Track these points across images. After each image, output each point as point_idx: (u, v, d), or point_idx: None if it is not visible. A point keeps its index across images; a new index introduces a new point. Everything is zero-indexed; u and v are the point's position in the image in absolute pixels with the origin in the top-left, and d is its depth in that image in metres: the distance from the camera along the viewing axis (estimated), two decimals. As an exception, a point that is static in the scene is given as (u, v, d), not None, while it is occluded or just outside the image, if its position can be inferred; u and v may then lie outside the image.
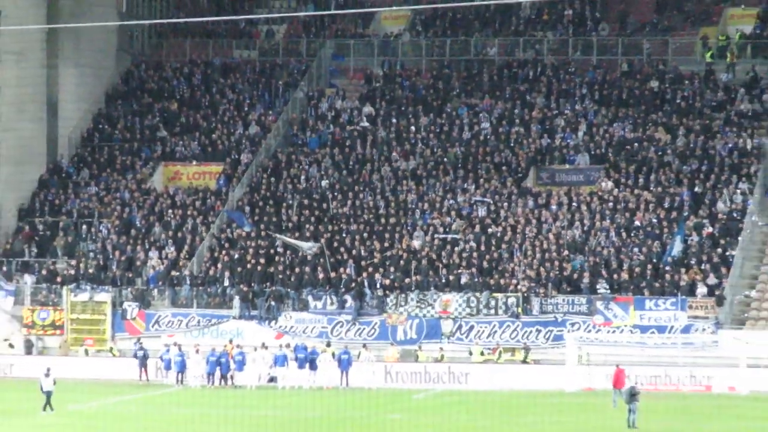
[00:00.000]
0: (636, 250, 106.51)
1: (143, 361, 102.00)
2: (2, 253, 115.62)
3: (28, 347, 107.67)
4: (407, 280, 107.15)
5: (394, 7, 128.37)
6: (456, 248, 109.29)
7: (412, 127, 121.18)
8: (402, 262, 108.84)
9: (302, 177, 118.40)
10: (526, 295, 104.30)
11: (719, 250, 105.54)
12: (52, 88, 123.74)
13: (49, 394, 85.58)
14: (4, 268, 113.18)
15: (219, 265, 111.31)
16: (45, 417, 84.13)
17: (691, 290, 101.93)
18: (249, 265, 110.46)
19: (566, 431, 78.10)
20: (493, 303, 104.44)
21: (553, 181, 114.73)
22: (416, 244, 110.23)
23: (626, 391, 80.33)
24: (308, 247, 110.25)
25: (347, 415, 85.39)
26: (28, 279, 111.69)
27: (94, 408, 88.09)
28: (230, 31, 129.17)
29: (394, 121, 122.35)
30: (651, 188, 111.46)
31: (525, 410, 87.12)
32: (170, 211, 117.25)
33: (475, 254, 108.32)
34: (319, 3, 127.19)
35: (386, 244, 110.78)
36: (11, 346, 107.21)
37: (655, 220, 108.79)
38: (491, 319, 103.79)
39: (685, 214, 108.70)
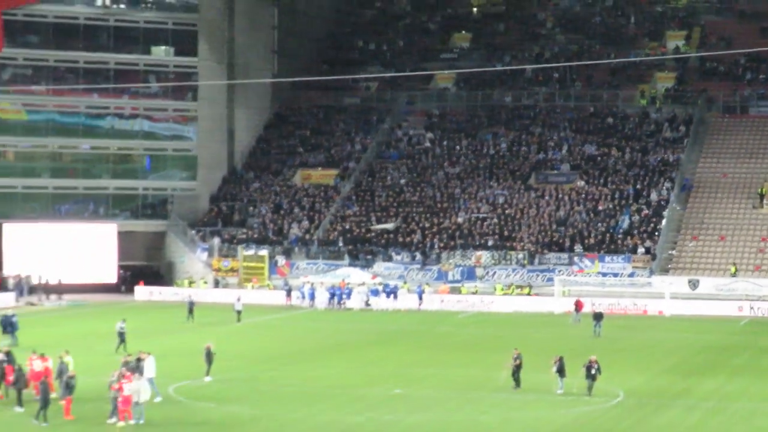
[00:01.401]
0: (599, 225, 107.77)
1: (288, 293, 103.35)
2: (201, 224, 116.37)
3: (216, 284, 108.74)
4: (453, 243, 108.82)
5: (445, 71, 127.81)
6: (485, 223, 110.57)
7: (456, 147, 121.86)
8: (451, 231, 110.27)
9: (387, 177, 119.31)
10: (530, 252, 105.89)
11: (651, 224, 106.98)
12: (230, 121, 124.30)
13: (239, 313, 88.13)
14: (201, 234, 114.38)
15: (335, 233, 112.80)
16: (237, 326, 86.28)
17: (634, 250, 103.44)
18: (354, 233, 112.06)
19: (554, 337, 79.74)
20: (508, 257, 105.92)
21: (546, 180, 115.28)
22: (460, 220, 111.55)
23: (594, 315, 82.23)
24: (392, 225, 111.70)
25: (416, 328, 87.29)
26: (216, 241, 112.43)
27: (259, 321, 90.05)
28: (342, 86, 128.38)
29: (444, 143, 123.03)
30: (608, 186, 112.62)
31: (528, 325, 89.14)
32: (304, 198, 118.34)
33: (497, 227, 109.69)
34: (399, 69, 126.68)
35: (440, 220, 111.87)
36: (205, 283, 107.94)
37: (610, 206, 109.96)
38: (507, 268, 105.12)
39: (630, 202, 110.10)
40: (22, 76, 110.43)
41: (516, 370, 57.81)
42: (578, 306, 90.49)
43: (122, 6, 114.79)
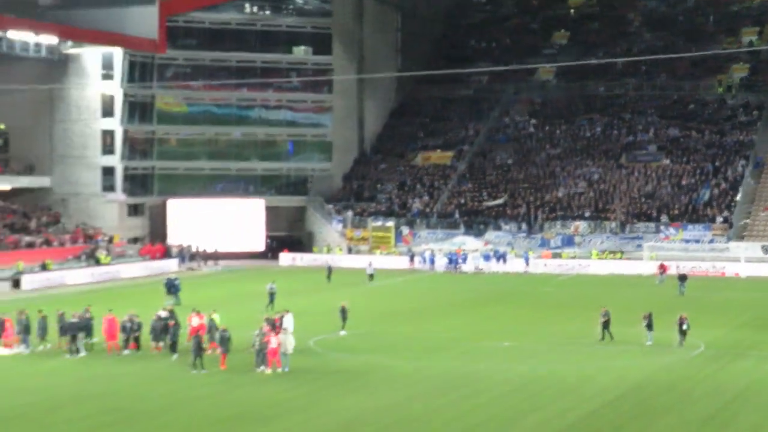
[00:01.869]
0: (682, 197, 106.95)
1: (411, 258, 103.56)
2: (335, 200, 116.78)
3: (349, 251, 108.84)
4: (554, 214, 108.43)
5: (546, 65, 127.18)
6: (582, 197, 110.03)
7: (556, 131, 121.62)
8: (552, 204, 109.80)
9: (496, 158, 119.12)
10: (621, 222, 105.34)
11: (728, 197, 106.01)
12: (360, 111, 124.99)
13: (371, 276, 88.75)
14: (336, 208, 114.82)
15: (452, 206, 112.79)
16: (369, 287, 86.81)
17: (713, 219, 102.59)
18: (468, 206, 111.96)
19: (643, 296, 79.29)
20: (602, 226, 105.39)
21: (635, 160, 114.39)
22: (560, 194, 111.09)
23: (679, 276, 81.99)
24: (502, 200, 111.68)
25: (522, 289, 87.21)
26: (349, 214, 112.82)
27: (387, 283, 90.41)
28: (457, 79, 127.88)
29: (546, 128, 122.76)
30: (690, 164, 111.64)
31: (620, 285, 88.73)
32: (425, 176, 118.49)
33: (592, 200, 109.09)
34: (506, 63, 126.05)
35: (543, 195, 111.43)
36: (340, 250, 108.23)
37: (692, 181, 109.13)
38: (601, 235, 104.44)
39: (709, 178, 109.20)
40: (183, 74, 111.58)
41: (605, 326, 58.02)
42: (663, 269, 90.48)
43: (267, 12, 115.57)
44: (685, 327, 55.80)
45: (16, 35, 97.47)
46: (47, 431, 38.77)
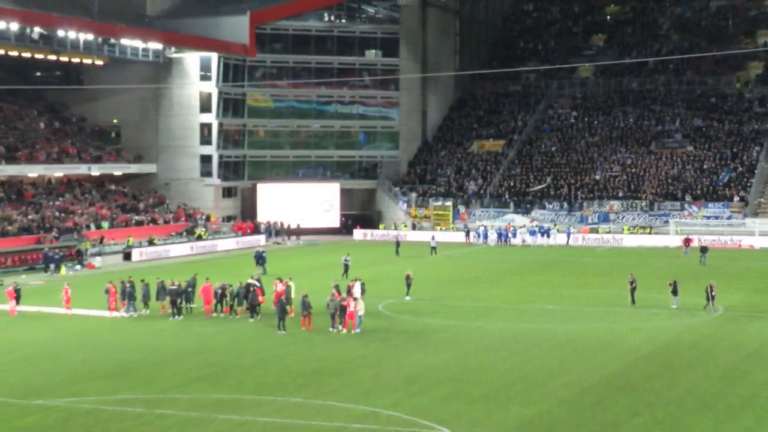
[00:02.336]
0: (704, 180, 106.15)
1: (467, 233, 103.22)
2: (401, 183, 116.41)
3: (413, 227, 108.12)
4: (592, 195, 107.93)
5: (586, 64, 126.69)
6: (616, 179, 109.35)
7: (594, 122, 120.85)
8: (590, 186, 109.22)
9: (542, 146, 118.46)
10: (650, 201, 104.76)
11: (745, 179, 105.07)
12: (424, 105, 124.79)
13: (433, 248, 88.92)
14: (402, 190, 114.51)
15: (503, 188, 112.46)
16: (431, 259, 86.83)
17: (731, 198, 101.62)
18: (516, 188, 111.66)
19: (670, 265, 78.87)
20: (634, 205, 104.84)
21: (663, 146, 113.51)
22: (597, 177, 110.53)
23: (701, 248, 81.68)
24: (546, 184, 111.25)
25: (564, 259, 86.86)
26: (413, 195, 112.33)
27: (446, 255, 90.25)
28: (508, 77, 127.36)
29: (585, 119, 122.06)
30: (711, 150, 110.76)
31: (649, 256, 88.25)
32: (479, 162, 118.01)
33: (625, 182, 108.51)
34: (551, 63, 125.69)
35: (582, 177, 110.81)
36: (405, 226, 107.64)
37: (713, 165, 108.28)
38: (633, 213, 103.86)
39: (728, 162, 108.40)
40: (270, 74, 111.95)
41: (632, 291, 57.97)
42: (687, 242, 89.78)
43: (343, 21, 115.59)
44: (714, 293, 55.76)
45: (127, 42, 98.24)
46: (155, 384, 39.16)
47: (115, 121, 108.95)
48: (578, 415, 33.92)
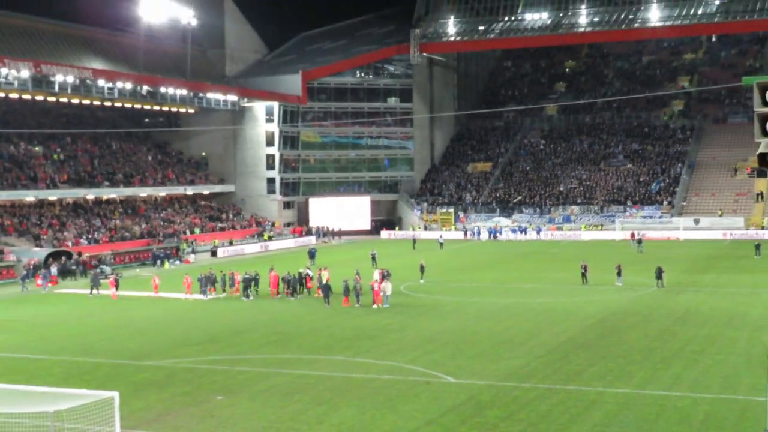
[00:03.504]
0: (641, 189, 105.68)
1: (465, 232, 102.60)
2: (416, 195, 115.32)
3: (425, 228, 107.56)
4: (558, 201, 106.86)
5: (552, 104, 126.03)
6: (575, 190, 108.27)
7: (558, 147, 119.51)
8: (556, 195, 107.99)
9: (520, 166, 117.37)
10: (601, 205, 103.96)
11: (671, 188, 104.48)
12: (432, 137, 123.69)
13: (441, 244, 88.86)
14: (417, 201, 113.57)
15: (491, 198, 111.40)
16: (440, 251, 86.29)
17: (661, 203, 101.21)
18: (501, 198, 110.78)
19: (616, 254, 78.23)
20: (589, 209, 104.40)
21: (610, 165, 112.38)
22: (561, 188, 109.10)
23: (637, 240, 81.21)
24: (520, 198, 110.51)
25: (537, 250, 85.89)
26: (425, 204, 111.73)
27: (450, 249, 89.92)
28: (493, 116, 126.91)
29: (551, 145, 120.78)
30: (646, 166, 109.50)
31: (601, 247, 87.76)
32: (473, 179, 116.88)
33: (582, 192, 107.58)
34: (525, 104, 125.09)
35: (550, 189, 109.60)
36: (416, 228, 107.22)
37: (647, 178, 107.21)
38: (588, 215, 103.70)
39: (659, 175, 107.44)
40: (317, 117, 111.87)
41: (583, 275, 57.80)
42: (632, 236, 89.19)
43: (371, 76, 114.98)
44: (662, 273, 55.95)
45: (212, 95, 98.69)
46: (236, 347, 39.24)
47: (203, 154, 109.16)
48: (550, 366, 33.84)
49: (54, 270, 66.85)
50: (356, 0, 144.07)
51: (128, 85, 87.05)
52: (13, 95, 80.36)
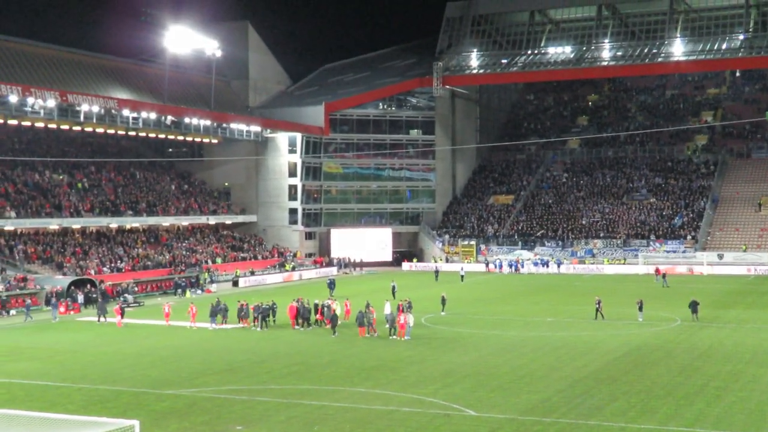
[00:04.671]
0: (664, 223, 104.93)
1: (486, 264, 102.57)
2: (438, 227, 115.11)
3: (447, 260, 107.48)
4: (580, 235, 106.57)
5: (574, 138, 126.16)
6: (598, 223, 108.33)
7: (581, 181, 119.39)
8: (579, 228, 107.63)
9: (542, 199, 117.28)
10: (624, 239, 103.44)
11: (695, 222, 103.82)
12: (453, 170, 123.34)
13: (462, 276, 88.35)
14: (438, 233, 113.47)
15: (513, 230, 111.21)
16: (460, 284, 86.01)
17: (685, 237, 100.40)
18: (523, 230, 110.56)
19: (639, 288, 77.93)
20: (612, 243, 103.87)
21: (633, 199, 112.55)
22: (584, 222, 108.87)
23: (662, 274, 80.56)
24: (540, 233, 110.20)
25: (559, 283, 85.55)
26: (446, 236, 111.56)
27: (471, 281, 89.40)
28: (516, 148, 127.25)
29: (574, 179, 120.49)
30: (669, 200, 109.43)
31: (623, 281, 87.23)
32: (495, 211, 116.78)
33: (605, 225, 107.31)
34: (548, 137, 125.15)
35: (572, 222, 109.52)
36: (438, 260, 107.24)
37: (670, 212, 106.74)
38: (611, 248, 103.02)
39: (682, 210, 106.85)
40: (340, 148, 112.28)
41: (597, 310, 57.43)
42: (657, 271, 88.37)
43: (393, 108, 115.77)
44: (697, 306, 56.26)
45: (235, 126, 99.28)
46: (256, 377, 39.17)
47: (226, 183, 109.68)
48: (572, 401, 33.53)
49: (80, 298, 66.98)
50: (379, 32, 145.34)
51: (153, 115, 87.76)
52: (39, 124, 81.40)
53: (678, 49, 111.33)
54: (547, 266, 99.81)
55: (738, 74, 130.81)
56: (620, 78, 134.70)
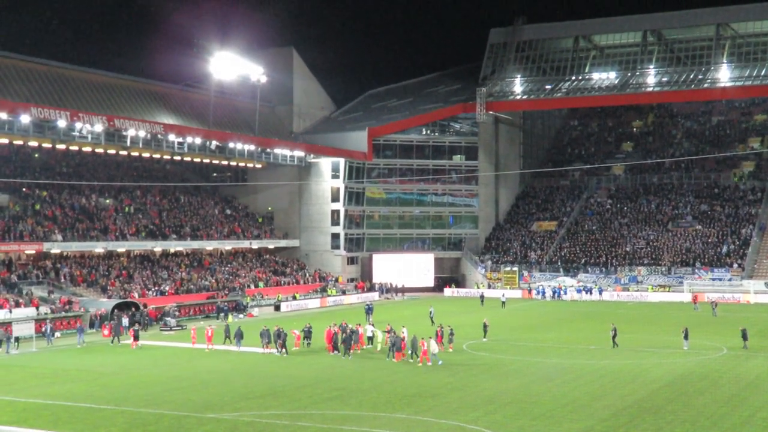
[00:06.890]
0: (710, 250, 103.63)
1: (529, 291, 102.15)
2: (480, 253, 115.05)
3: (489, 286, 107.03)
4: (624, 262, 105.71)
5: (618, 164, 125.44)
6: (642, 250, 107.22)
7: (625, 207, 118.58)
8: (623, 255, 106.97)
9: (586, 225, 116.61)
10: (669, 267, 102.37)
11: (741, 250, 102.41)
12: (497, 195, 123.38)
13: (504, 303, 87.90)
14: (481, 258, 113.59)
15: (556, 257, 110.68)
16: (502, 310, 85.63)
17: (731, 265, 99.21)
18: (567, 257, 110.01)
19: (684, 316, 77.06)
20: (656, 270, 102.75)
21: (678, 225, 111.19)
22: (628, 249, 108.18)
23: (712, 303, 79.69)
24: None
25: (603, 311, 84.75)
26: (489, 262, 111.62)
27: (513, 307, 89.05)
28: (559, 174, 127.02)
29: (618, 205, 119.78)
30: (715, 228, 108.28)
31: (669, 309, 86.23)
32: (538, 238, 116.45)
33: (650, 252, 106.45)
34: (592, 163, 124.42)
35: (616, 249, 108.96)
36: (481, 286, 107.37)
37: (716, 239, 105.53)
38: (656, 275, 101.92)
39: (729, 237, 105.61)
40: (383, 173, 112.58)
41: (613, 337, 57.06)
42: (695, 299, 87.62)
43: (436, 134, 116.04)
44: (748, 334, 55.97)
45: (279, 151, 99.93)
46: (297, 403, 39.18)
47: (269, 208, 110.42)
48: (615, 430, 33.13)
49: (125, 321, 67.28)
50: (423, 58, 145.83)
51: (198, 140, 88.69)
52: (87, 148, 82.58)
53: (724, 74, 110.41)
54: (591, 293, 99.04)
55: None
56: (665, 104, 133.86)
